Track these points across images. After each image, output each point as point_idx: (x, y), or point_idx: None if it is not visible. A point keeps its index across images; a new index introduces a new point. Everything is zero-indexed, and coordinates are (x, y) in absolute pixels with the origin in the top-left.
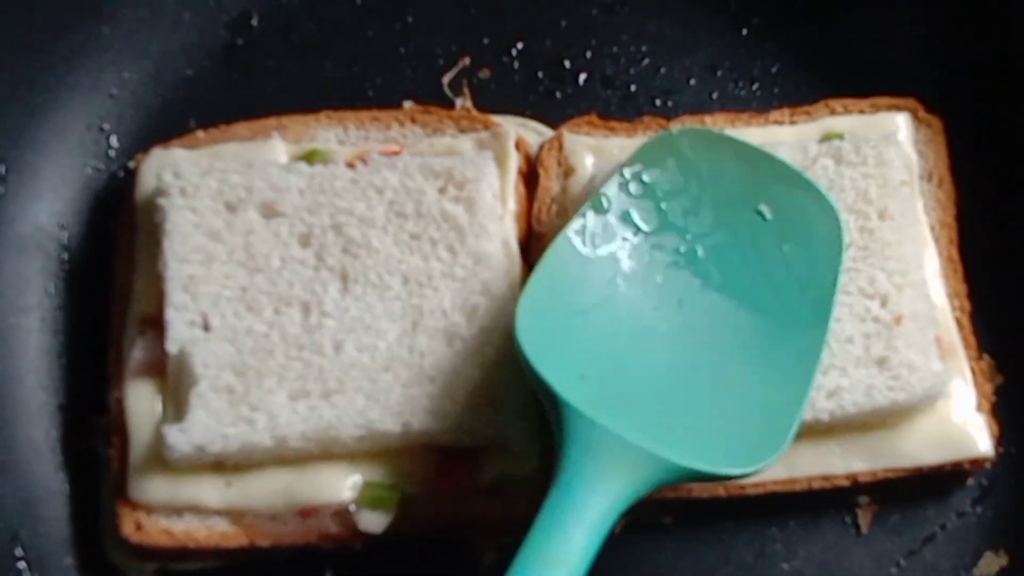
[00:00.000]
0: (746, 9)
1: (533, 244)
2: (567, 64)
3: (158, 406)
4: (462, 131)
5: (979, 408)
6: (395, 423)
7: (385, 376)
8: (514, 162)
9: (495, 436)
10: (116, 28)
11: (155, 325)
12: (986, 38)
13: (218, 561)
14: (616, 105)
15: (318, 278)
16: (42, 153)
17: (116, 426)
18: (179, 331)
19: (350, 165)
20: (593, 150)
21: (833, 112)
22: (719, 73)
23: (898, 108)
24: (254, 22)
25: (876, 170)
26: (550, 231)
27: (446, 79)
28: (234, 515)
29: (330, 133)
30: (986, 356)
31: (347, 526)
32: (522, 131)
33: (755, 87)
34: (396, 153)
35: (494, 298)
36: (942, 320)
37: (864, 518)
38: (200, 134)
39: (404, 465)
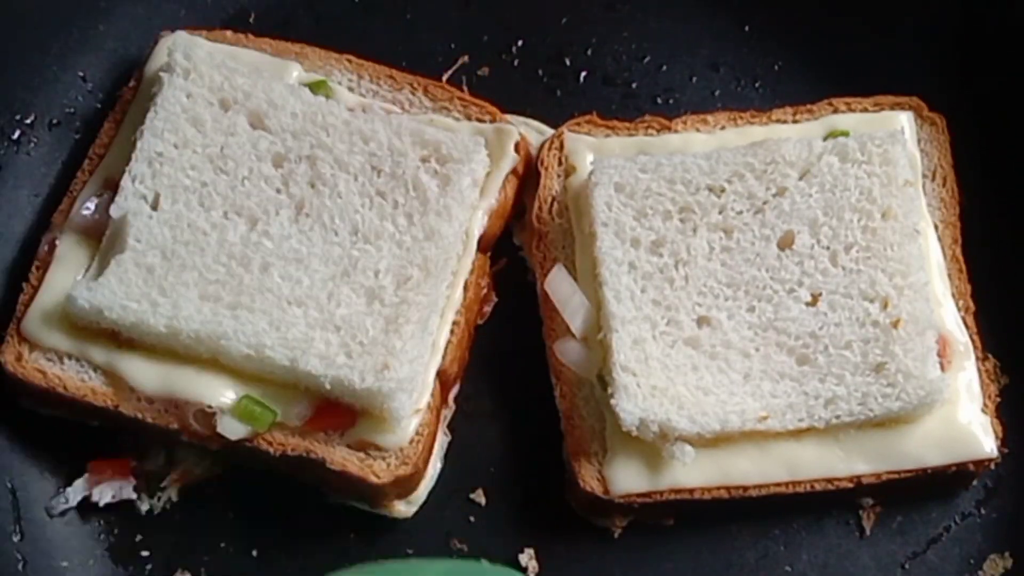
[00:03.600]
0: (748, 6)
1: (535, 243)
2: (567, 62)
3: (83, 262)
4: (467, 117)
5: (983, 409)
6: (285, 356)
7: (295, 310)
8: (508, 162)
9: (376, 402)
10: (112, 25)
11: (113, 189)
12: (989, 36)
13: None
14: (617, 103)
15: (275, 200)
16: None
17: (40, 264)
18: (128, 199)
19: (350, 109)
20: (594, 149)
21: (836, 111)
22: (721, 71)
23: (901, 107)
24: (251, 19)
25: (881, 169)
26: (551, 230)
27: (445, 77)
28: (111, 377)
29: (344, 76)
30: (991, 357)
31: (207, 426)
32: (524, 129)
33: (757, 85)
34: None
35: (428, 276)
36: (948, 320)
37: (868, 520)
38: (228, 34)
39: (282, 394)
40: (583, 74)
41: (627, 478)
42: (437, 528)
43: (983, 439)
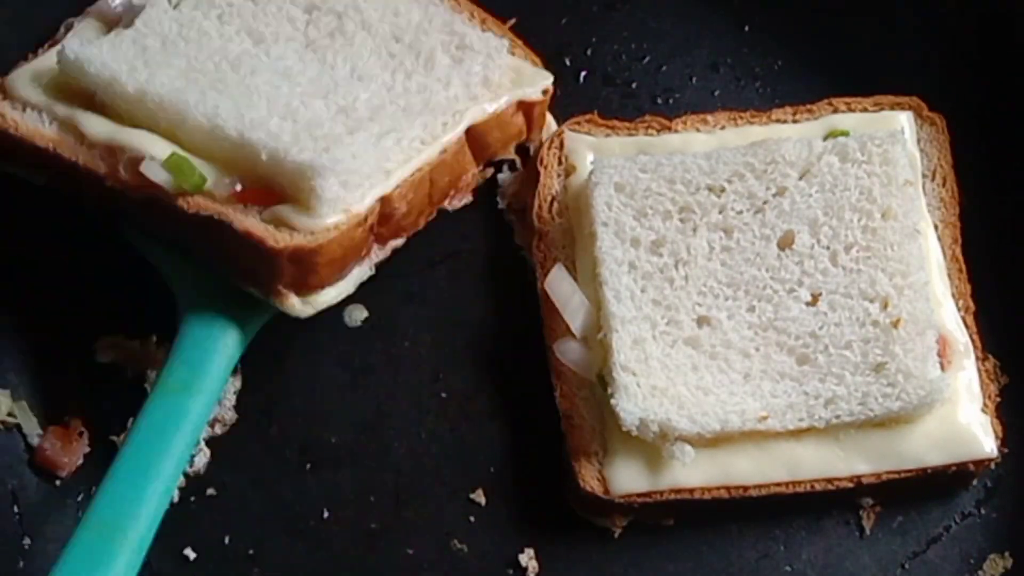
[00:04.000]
0: (748, 6)
1: (535, 243)
2: (567, 62)
3: (93, 37)
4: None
5: (983, 409)
6: (234, 128)
7: (262, 102)
8: (529, 89)
9: (305, 178)
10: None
11: None
12: (988, 36)
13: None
14: (617, 103)
15: (290, 34)
16: None
17: (53, 43)
18: None
19: None
20: (594, 149)
21: (836, 110)
22: (721, 71)
23: (901, 106)
24: None
25: (881, 168)
26: (552, 229)
27: None
28: (66, 129)
29: None
30: (990, 357)
31: (133, 173)
32: None
33: (757, 85)
34: None
35: (404, 114)
36: (948, 320)
37: (868, 520)
38: None
39: (218, 169)
40: (583, 74)
41: (627, 478)
42: (437, 528)
43: (983, 439)
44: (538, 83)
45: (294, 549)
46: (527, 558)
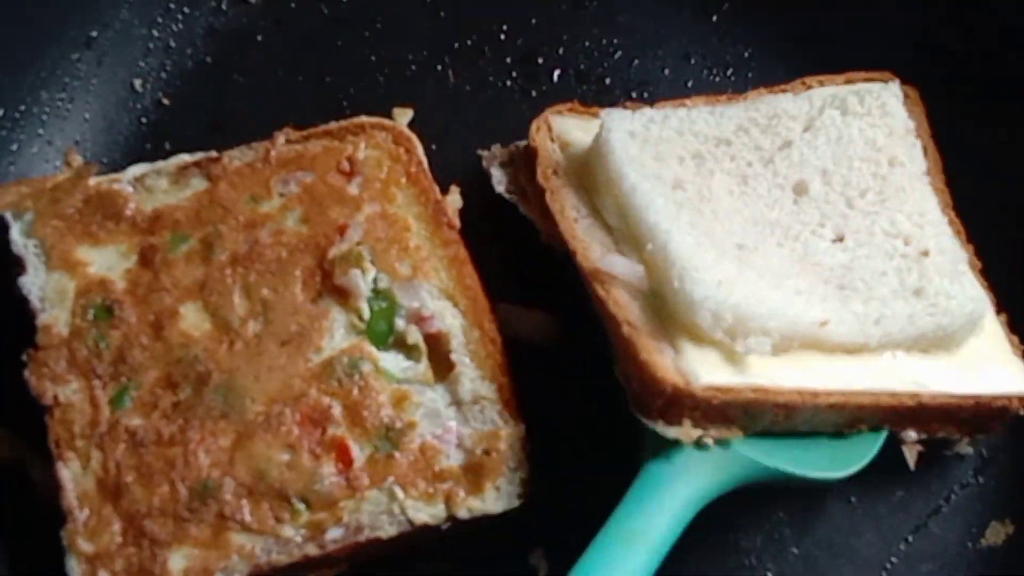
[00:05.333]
0: None
1: (547, 196)
2: (540, 61)
3: None
4: None
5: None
6: None
7: None
8: None
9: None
10: (84, 54)
11: None
12: (955, 8)
13: None
14: (592, 99)
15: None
16: (15, 178)
17: None
18: None
19: None
20: (581, 128)
21: (810, 88)
22: (693, 61)
23: (873, 81)
24: (222, 41)
25: (881, 120)
26: (561, 185)
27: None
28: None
29: None
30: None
31: None
32: None
33: (729, 73)
34: None
35: None
36: None
37: (911, 455)
38: None
39: None
40: (556, 72)
41: (707, 369)
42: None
43: None
44: None
45: None
46: (536, 557)
